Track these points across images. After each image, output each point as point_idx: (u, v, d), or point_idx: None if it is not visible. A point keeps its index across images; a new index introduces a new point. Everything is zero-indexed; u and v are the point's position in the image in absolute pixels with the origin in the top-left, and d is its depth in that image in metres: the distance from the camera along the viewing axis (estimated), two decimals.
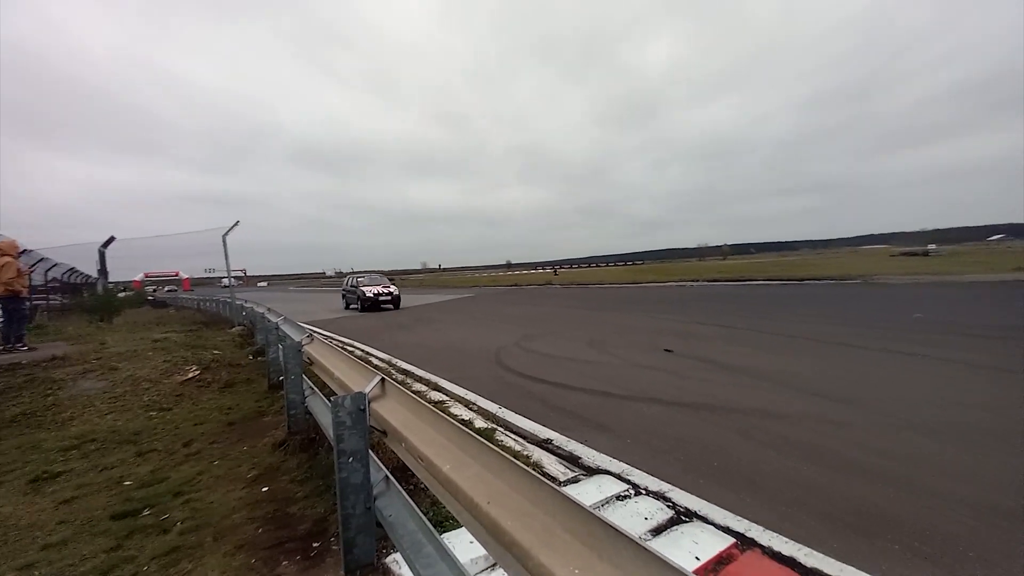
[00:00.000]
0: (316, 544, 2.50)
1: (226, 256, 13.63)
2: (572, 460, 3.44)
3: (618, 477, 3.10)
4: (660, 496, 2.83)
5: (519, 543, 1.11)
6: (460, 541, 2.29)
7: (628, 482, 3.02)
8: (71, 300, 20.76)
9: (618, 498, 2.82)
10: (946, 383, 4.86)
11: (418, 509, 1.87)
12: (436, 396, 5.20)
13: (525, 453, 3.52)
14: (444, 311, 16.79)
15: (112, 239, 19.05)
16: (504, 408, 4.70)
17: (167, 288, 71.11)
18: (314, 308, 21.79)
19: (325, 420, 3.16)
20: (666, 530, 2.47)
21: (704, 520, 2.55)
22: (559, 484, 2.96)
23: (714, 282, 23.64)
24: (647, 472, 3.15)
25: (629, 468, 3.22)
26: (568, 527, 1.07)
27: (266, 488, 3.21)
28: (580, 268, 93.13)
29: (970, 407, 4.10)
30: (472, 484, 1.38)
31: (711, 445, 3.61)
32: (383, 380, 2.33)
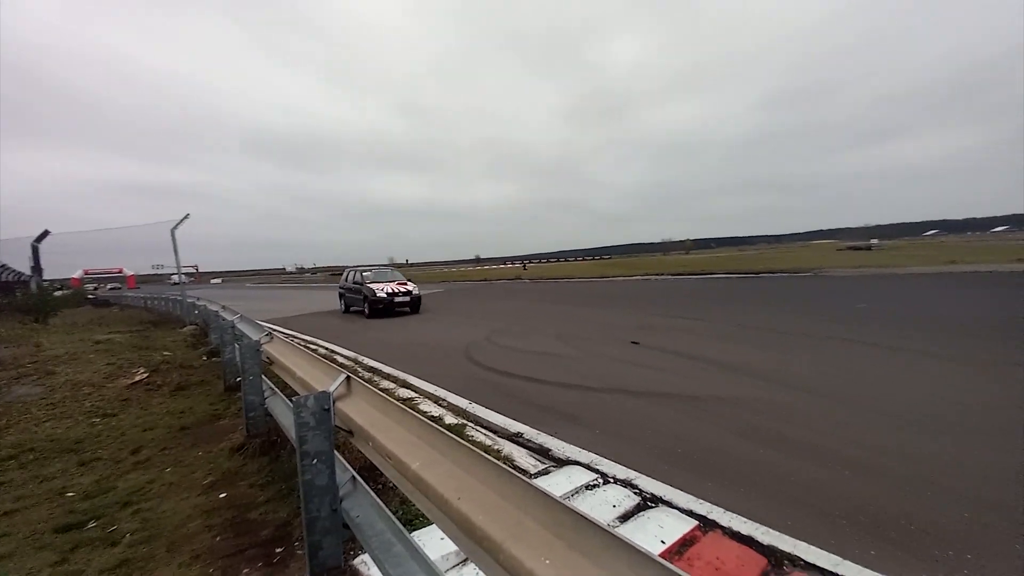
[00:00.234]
0: (279, 550, 2.41)
1: (175, 251, 12.84)
2: (543, 453, 3.48)
3: (587, 467, 3.16)
4: (628, 484, 2.91)
5: (490, 537, 1.11)
6: (431, 538, 2.27)
7: (597, 471, 3.09)
8: (1, 300, 19.00)
9: (587, 487, 2.87)
10: (886, 369, 5.25)
11: (387, 508, 1.84)
12: (405, 393, 5.12)
13: (496, 447, 3.52)
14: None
15: (47, 233, 17.52)
16: (475, 403, 4.69)
17: (109, 286, 66.26)
18: (274, 306, 20.90)
19: (287, 421, 3.05)
20: (633, 516, 2.54)
21: (669, 505, 2.64)
22: (530, 477, 2.98)
23: (678, 276, 24.45)
24: (615, 461, 3.22)
25: (598, 458, 3.29)
26: (538, 518, 1.07)
27: (224, 494, 3.06)
28: (549, 263, 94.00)
29: (901, 386, 4.46)
30: (442, 480, 1.36)
31: (675, 433, 3.74)
32: (348, 378, 2.26)
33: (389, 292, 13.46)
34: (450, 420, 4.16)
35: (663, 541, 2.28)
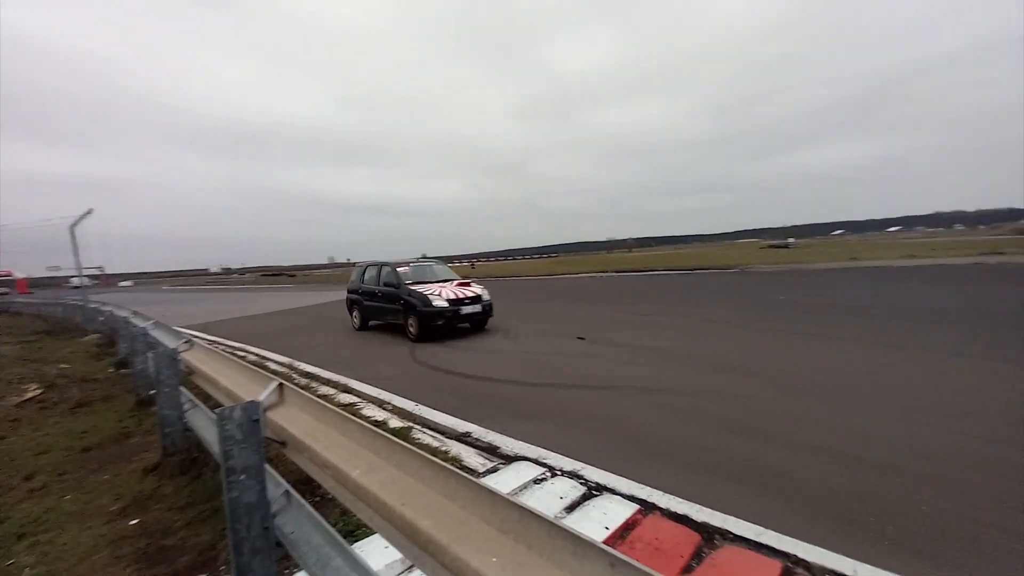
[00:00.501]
0: None
1: (75, 251, 11.33)
2: (491, 450, 3.47)
3: (535, 462, 3.20)
4: (574, 475, 2.98)
5: (435, 540, 1.08)
6: (374, 548, 2.19)
7: (545, 465, 3.13)
8: None
9: (535, 481, 2.91)
10: (799, 352, 5.83)
11: (325, 522, 1.73)
12: (346, 399, 4.88)
13: (443, 449, 3.46)
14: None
15: None
16: (421, 405, 4.58)
17: None
18: (195, 311, 19.07)
19: (210, 436, 2.79)
20: (579, 505, 2.61)
21: (613, 492, 2.74)
22: (477, 475, 2.96)
23: (621, 272, 25.51)
24: (562, 454, 3.29)
25: (546, 452, 3.34)
26: (483, 516, 1.06)
27: (136, 520, 2.74)
28: (498, 261, 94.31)
29: (807, 363, 4.98)
30: (384, 487, 1.30)
31: (618, 422, 3.90)
32: (281, 386, 2.11)
33: (452, 298, 8.54)
34: (396, 424, 4.03)
35: (607, 527, 2.36)
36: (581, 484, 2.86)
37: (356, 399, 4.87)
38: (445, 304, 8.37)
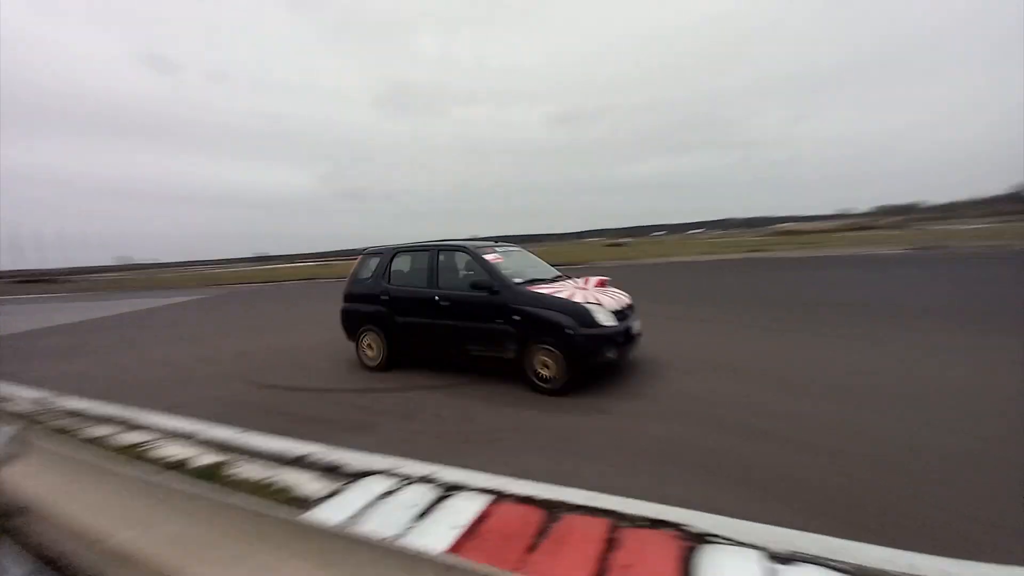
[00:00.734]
0: None
1: None
2: (333, 470, 3.13)
3: (387, 473, 3.00)
4: (428, 479, 2.89)
5: None
6: None
7: (397, 475, 2.97)
8: None
9: (384, 495, 2.73)
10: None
11: None
12: (133, 437, 3.82)
13: (271, 479, 2.98)
14: (151, 322, 12.64)
15: None
16: (248, 431, 3.88)
17: None
18: None
19: None
20: (432, 510, 2.54)
21: (466, 489, 2.75)
22: (312, 503, 2.64)
23: None
24: (416, 459, 3.17)
25: (400, 461, 3.17)
26: (300, 553, 0.91)
27: None
28: (351, 260, 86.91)
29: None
30: (164, 548, 1.02)
31: (463, 416, 3.98)
32: (19, 432, 1.53)
33: (615, 308, 4.75)
34: (206, 459, 3.31)
35: (457, 526, 2.35)
36: (436, 487, 2.79)
37: (148, 436, 3.84)
38: (613, 320, 4.59)
